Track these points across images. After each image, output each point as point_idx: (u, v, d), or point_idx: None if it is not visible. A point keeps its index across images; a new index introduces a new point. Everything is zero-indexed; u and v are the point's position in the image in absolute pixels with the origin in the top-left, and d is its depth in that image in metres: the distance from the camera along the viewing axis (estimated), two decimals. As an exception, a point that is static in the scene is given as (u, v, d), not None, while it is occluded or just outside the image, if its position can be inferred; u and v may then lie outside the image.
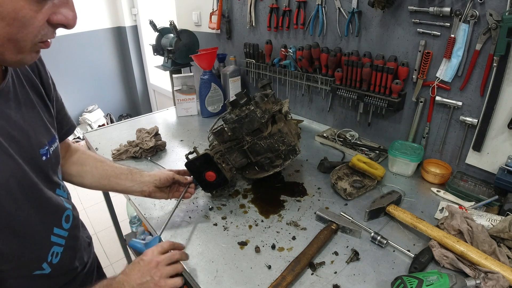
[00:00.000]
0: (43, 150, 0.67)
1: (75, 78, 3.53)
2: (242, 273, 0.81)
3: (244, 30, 1.84)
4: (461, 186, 1.07)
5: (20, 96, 0.65)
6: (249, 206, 1.06)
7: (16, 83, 0.65)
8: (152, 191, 0.93)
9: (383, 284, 0.77)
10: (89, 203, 2.86)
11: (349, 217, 0.97)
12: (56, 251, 0.72)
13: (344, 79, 1.36)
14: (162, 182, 0.94)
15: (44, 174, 0.68)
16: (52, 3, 0.49)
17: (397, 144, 1.25)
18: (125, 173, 0.94)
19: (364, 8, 1.25)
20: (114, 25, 3.65)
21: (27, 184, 0.63)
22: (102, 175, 0.92)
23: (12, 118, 0.61)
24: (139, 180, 0.93)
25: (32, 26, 0.48)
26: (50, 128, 0.72)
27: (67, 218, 0.75)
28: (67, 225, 0.75)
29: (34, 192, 0.65)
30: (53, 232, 0.71)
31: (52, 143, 0.72)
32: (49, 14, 0.50)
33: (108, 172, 0.92)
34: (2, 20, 0.45)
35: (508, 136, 1.00)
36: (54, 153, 0.72)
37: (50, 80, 0.76)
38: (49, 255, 0.70)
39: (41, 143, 0.67)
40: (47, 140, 0.69)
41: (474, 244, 0.80)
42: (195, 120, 1.81)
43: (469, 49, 1.02)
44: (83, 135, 1.69)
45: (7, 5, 0.44)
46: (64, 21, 0.51)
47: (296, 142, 1.06)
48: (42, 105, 0.72)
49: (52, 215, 0.71)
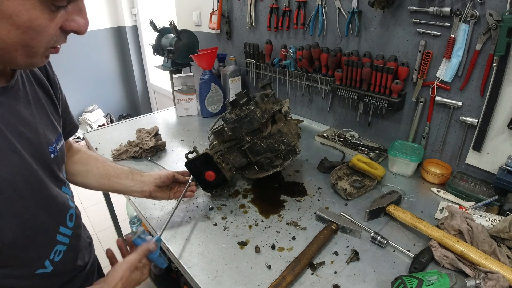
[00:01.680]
0: (51, 147, 0.68)
1: (75, 78, 3.53)
2: (242, 273, 0.81)
3: (244, 30, 1.84)
4: (461, 186, 1.07)
5: (30, 93, 0.66)
6: (249, 206, 1.06)
7: (25, 81, 0.66)
8: (152, 190, 0.93)
9: (383, 284, 0.77)
10: (89, 203, 2.86)
11: (349, 217, 0.97)
12: (59, 250, 0.72)
13: (344, 79, 1.36)
14: (162, 180, 0.94)
15: (51, 171, 0.69)
16: (65, 11, 0.50)
17: (397, 144, 1.25)
18: (126, 173, 0.94)
19: (364, 8, 1.25)
20: (114, 25, 3.65)
21: (34, 182, 0.63)
22: (102, 174, 0.92)
23: (22, 115, 0.62)
24: (139, 180, 0.93)
25: (46, 33, 0.50)
26: (57, 126, 0.73)
27: (71, 217, 0.75)
28: (71, 224, 0.75)
29: (42, 190, 0.65)
30: (59, 230, 0.71)
31: (59, 141, 0.72)
32: (62, 21, 0.51)
33: (108, 172, 0.92)
34: (18, 29, 0.47)
35: (508, 136, 1.00)
36: (60, 151, 0.72)
37: (56, 79, 0.77)
38: (52, 253, 0.70)
39: (50, 141, 0.68)
40: (54, 138, 0.70)
41: (474, 244, 0.80)
42: (195, 120, 1.81)
43: (469, 49, 1.02)
44: (83, 135, 1.69)
45: (23, 15, 0.46)
46: (76, 28, 0.53)
47: (296, 142, 1.06)
48: (50, 103, 0.73)
49: (58, 214, 0.71)
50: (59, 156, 0.72)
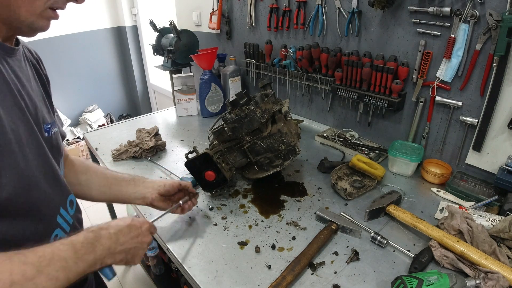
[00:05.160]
0: (46, 126, 0.66)
1: (75, 78, 3.53)
2: (242, 273, 0.81)
3: (244, 30, 1.84)
4: (461, 186, 1.07)
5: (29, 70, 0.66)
6: (249, 206, 1.06)
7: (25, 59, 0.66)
8: (155, 198, 0.89)
9: (383, 284, 0.77)
10: (89, 203, 2.84)
11: (349, 217, 0.97)
12: (59, 235, 0.68)
13: (344, 79, 1.36)
14: (166, 188, 0.90)
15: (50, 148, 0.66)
16: None
17: (397, 144, 1.25)
18: (127, 180, 0.91)
19: (364, 8, 1.25)
20: (114, 25, 3.65)
21: (37, 145, 0.61)
22: (103, 183, 0.89)
23: (24, 83, 0.62)
24: (142, 186, 0.90)
25: None
26: (51, 113, 0.72)
27: (71, 204, 0.73)
28: (71, 211, 0.73)
29: (43, 156, 0.63)
30: (60, 212, 0.68)
31: (54, 126, 0.70)
32: None
33: (109, 180, 0.89)
34: None
35: (508, 136, 1.00)
36: (55, 136, 0.70)
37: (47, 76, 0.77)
38: (52, 238, 0.66)
39: (45, 119, 0.67)
40: (49, 120, 0.68)
41: (474, 244, 0.80)
42: (195, 120, 1.81)
43: (469, 49, 1.02)
44: (83, 135, 1.69)
45: None
46: None
47: (296, 142, 1.06)
48: (44, 92, 0.72)
49: (59, 189, 0.68)
50: (54, 140, 0.69)
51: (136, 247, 0.67)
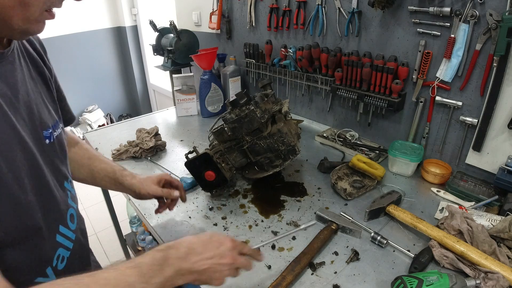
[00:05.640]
0: (46, 132, 0.63)
1: (75, 78, 3.53)
2: (242, 273, 0.81)
3: (244, 30, 1.84)
4: (461, 186, 1.07)
5: (25, 71, 0.62)
6: (249, 206, 1.06)
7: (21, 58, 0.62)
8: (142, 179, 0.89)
9: (383, 284, 0.77)
10: (89, 203, 2.86)
11: (349, 217, 0.97)
12: (62, 255, 0.65)
13: (344, 79, 1.36)
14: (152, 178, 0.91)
15: (50, 160, 0.63)
16: None
17: (397, 144, 1.25)
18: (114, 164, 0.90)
19: (364, 8, 1.25)
20: (114, 25, 3.65)
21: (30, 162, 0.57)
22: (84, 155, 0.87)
23: (18, 89, 0.57)
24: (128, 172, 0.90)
25: None
26: (53, 112, 0.68)
27: (72, 218, 0.70)
28: (72, 226, 0.69)
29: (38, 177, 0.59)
30: (59, 230, 0.65)
31: (56, 128, 0.67)
32: None
33: (91, 153, 0.88)
34: None
35: (508, 136, 1.00)
36: (58, 139, 0.67)
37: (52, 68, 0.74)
38: (55, 259, 0.63)
39: (45, 124, 0.63)
40: (50, 124, 0.65)
41: (474, 244, 0.80)
42: (195, 120, 1.81)
43: (469, 49, 1.02)
44: (83, 135, 1.69)
45: None
46: None
47: (296, 142, 1.06)
48: (45, 88, 0.68)
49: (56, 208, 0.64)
50: (57, 144, 0.66)
51: (211, 269, 0.58)
